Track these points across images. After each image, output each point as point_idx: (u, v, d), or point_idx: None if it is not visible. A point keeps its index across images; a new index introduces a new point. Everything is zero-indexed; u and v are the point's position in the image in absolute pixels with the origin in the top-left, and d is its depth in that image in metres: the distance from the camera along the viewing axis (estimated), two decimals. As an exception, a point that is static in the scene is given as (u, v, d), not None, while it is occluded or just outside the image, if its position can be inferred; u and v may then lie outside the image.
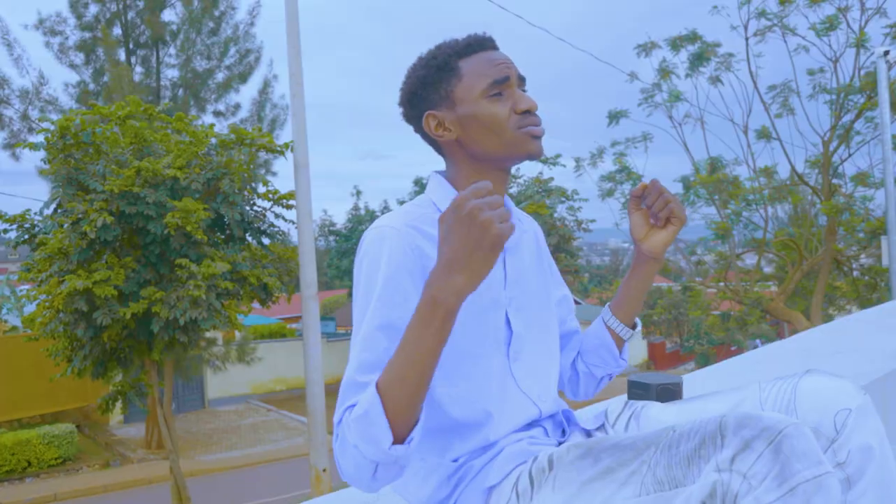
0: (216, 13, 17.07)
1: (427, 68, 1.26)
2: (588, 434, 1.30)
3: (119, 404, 7.79)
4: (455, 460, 1.18)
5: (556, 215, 19.23)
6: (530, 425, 1.25)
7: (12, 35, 16.02)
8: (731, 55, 15.95)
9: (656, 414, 1.28)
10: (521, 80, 1.27)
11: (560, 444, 1.24)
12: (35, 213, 7.18)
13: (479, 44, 1.26)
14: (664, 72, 16.41)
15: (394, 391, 0.98)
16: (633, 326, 1.44)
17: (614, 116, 16.69)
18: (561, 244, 17.93)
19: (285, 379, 20.79)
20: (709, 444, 0.94)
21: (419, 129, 1.30)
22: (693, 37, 15.99)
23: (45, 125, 6.77)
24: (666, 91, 16.52)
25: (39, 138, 6.73)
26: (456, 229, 0.94)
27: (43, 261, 6.52)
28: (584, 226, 20.21)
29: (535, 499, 1.08)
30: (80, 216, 6.22)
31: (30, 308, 16.48)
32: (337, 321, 27.71)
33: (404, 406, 0.99)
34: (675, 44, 16.14)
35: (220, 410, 19.19)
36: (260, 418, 18.38)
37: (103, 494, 12.48)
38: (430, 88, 1.25)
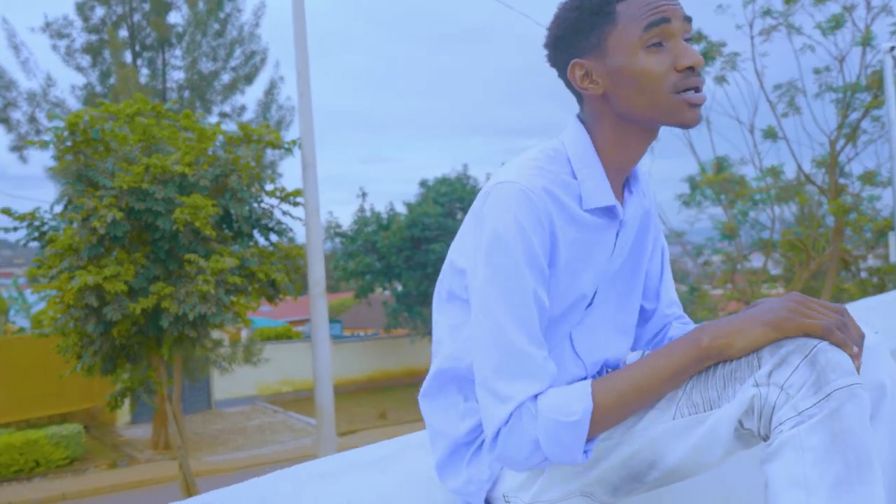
0: (221, 15, 17.15)
1: (579, 10, 1.11)
2: None
3: (127, 403, 7.82)
4: None
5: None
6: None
7: (19, 38, 16.13)
8: (736, 54, 15.93)
9: None
10: (688, 21, 1.10)
11: None
12: (45, 212, 7.22)
13: None
14: (670, 71, 16.39)
15: (612, 408, 1.01)
16: None
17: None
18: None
19: (292, 380, 20.81)
20: (744, 367, 0.97)
21: (563, 75, 1.18)
22: (698, 36, 15.97)
23: (54, 123, 6.81)
24: (672, 91, 16.50)
25: (49, 136, 6.78)
26: (783, 306, 0.98)
27: (53, 257, 6.56)
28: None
29: None
30: (89, 212, 6.26)
31: (38, 308, 16.56)
32: (344, 324, 27.72)
33: (610, 425, 1.03)
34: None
35: (226, 412, 19.21)
36: (266, 419, 18.39)
37: (111, 494, 12.49)
38: (580, 34, 1.11)
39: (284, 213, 7.73)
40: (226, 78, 17.56)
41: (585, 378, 1.20)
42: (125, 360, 7.06)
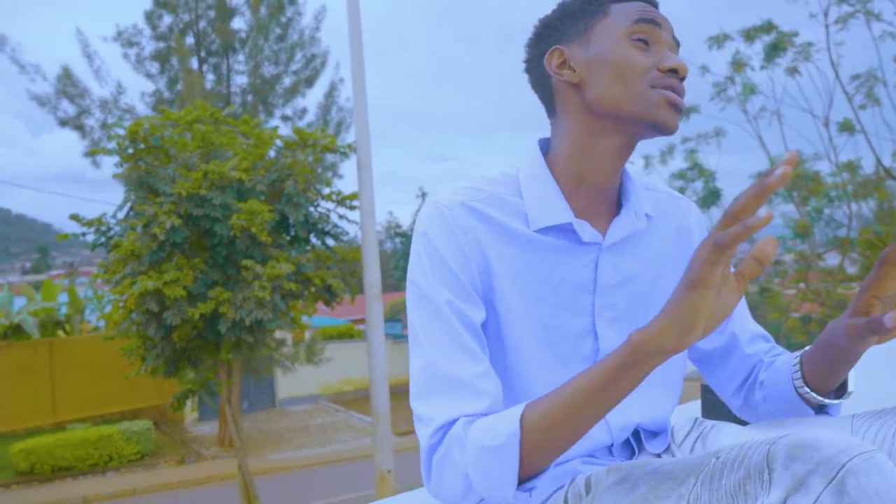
0: (283, 19, 17.44)
1: (571, 1, 1.06)
2: (658, 457, 1.10)
3: (190, 403, 7.99)
4: None
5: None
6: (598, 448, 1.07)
7: (92, 47, 16.77)
8: (810, 44, 15.23)
9: (725, 439, 1.06)
10: (676, 42, 1.05)
11: None
12: (110, 217, 7.42)
13: None
14: (738, 64, 15.80)
15: (543, 427, 0.86)
16: (838, 394, 1.08)
17: (685, 112, 16.19)
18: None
19: (353, 380, 21.03)
20: (755, 479, 0.73)
21: (537, 73, 1.08)
22: (768, 27, 15.35)
23: (117, 131, 6.99)
24: (739, 84, 15.91)
25: (113, 144, 6.97)
26: (693, 259, 0.78)
27: (117, 262, 6.74)
28: (653, 225, 19.71)
29: None
30: (150, 219, 6.40)
31: (107, 309, 17.22)
32: (403, 323, 27.91)
33: (549, 453, 0.87)
34: (750, 34, 15.52)
35: (289, 410, 19.55)
36: (329, 418, 18.63)
37: (179, 490, 12.85)
38: (567, 20, 1.05)
39: (341, 216, 7.75)
40: (287, 81, 17.87)
41: (612, 445, 1.06)
42: (186, 363, 7.20)
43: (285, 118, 17.78)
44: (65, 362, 16.10)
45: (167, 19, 17.05)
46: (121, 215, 7.06)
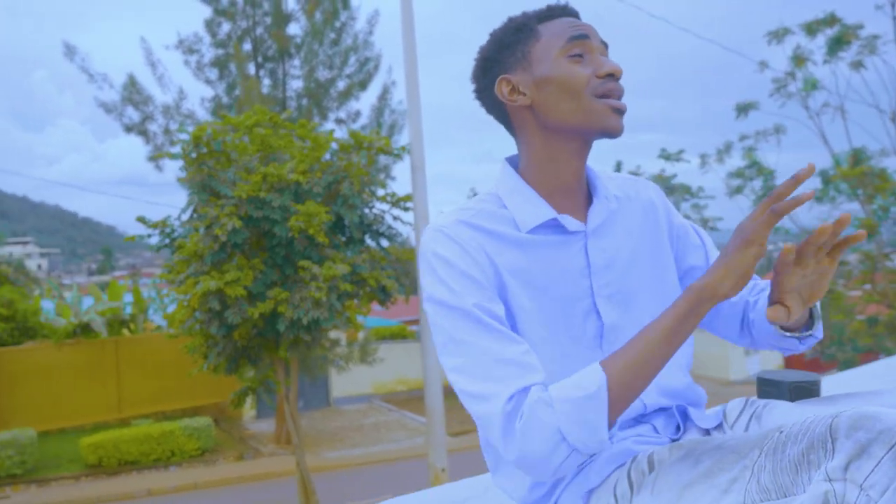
0: (337, 24, 17.71)
1: (504, 31, 1.19)
2: (706, 433, 1.18)
3: (249, 400, 8.20)
4: None
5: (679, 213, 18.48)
6: (636, 420, 1.16)
7: (155, 55, 17.33)
8: (875, 37, 14.70)
9: (780, 414, 1.12)
10: (604, 45, 1.16)
11: (673, 442, 1.13)
12: (175, 220, 7.68)
13: (561, 10, 1.18)
14: (799, 59, 15.35)
15: (625, 373, 0.98)
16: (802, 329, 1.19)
17: (743, 109, 15.79)
18: (686, 244, 17.20)
19: (407, 380, 21.19)
20: (818, 448, 0.81)
21: (490, 101, 1.21)
22: (831, 19, 14.86)
23: (181, 136, 7.23)
24: (801, 79, 15.45)
25: (178, 149, 7.22)
26: (746, 219, 0.99)
27: (181, 263, 6.97)
28: (710, 224, 19.32)
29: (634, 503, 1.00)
30: (212, 221, 6.60)
31: (171, 308, 17.79)
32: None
33: (630, 396, 0.98)
34: (811, 28, 15.06)
35: (344, 409, 19.82)
36: (382, 418, 18.81)
37: (238, 485, 13.17)
38: (506, 51, 1.18)
39: (395, 218, 7.86)
40: (341, 85, 18.13)
41: (644, 414, 1.16)
42: (246, 360, 7.40)
43: (339, 121, 18.05)
44: (129, 360, 16.69)
45: (226, 27, 17.50)
46: (184, 217, 7.30)
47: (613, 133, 1.12)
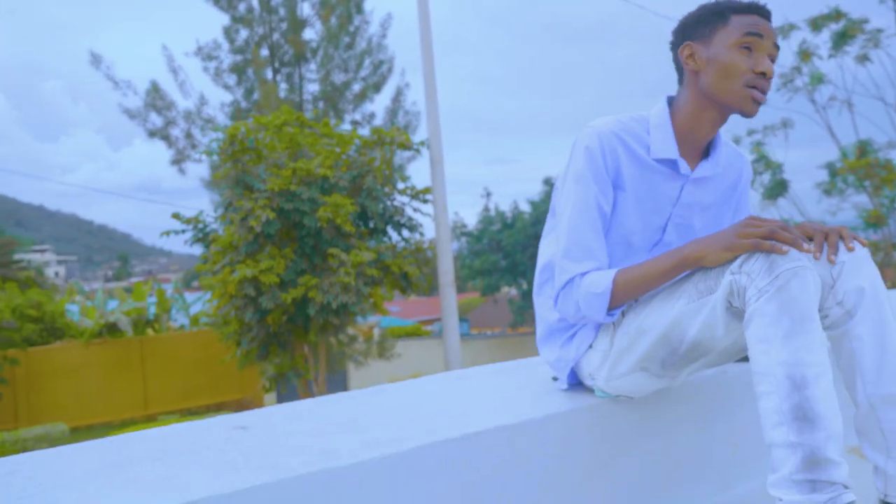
0: (351, 28, 18.16)
1: (704, 9, 1.53)
2: None
3: (274, 394, 8.58)
4: None
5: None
6: None
7: (177, 62, 17.84)
8: (879, 31, 14.92)
9: None
10: (776, 47, 1.50)
11: None
12: (207, 215, 8.11)
13: (757, 9, 1.49)
14: (804, 54, 15.60)
15: (626, 288, 1.41)
16: None
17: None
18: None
19: (423, 375, 21.51)
20: (730, 261, 1.30)
21: (675, 55, 1.59)
22: (836, 14, 15.11)
23: (215, 135, 7.68)
24: (807, 74, 15.70)
25: (212, 147, 7.67)
26: (734, 232, 1.31)
27: (217, 254, 7.40)
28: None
29: (623, 322, 1.48)
30: (246, 213, 7.03)
31: (195, 309, 18.23)
32: (471, 323, 28.28)
33: (626, 299, 1.44)
34: (816, 23, 15.31)
35: (362, 404, 20.17)
36: (400, 412, 19.13)
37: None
38: (699, 24, 1.52)
39: (415, 209, 8.25)
40: (356, 87, 18.57)
41: None
42: (277, 346, 7.81)
43: (355, 123, 18.49)
44: (154, 358, 17.14)
45: (243, 33, 17.99)
46: (219, 212, 7.74)
47: (747, 115, 1.48)
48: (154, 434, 1.37)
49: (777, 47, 1.50)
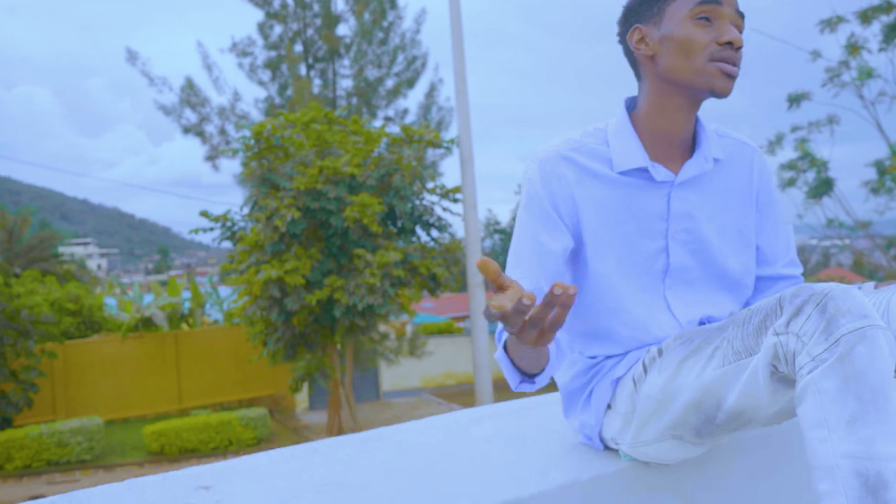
0: (385, 24, 18.03)
1: None
2: None
3: (305, 391, 8.49)
4: (592, 357, 1.35)
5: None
6: None
7: (211, 59, 17.92)
8: (934, 23, 14.28)
9: None
10: (739, 14, 1.27)
11: None
12: (235, 213, 8.03)
13: None
14: (853, 47, 14.98)
15: (515, 356, 1.13)
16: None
17: (795, 99, 15.46)
18: (736, 237, 16.96)
19: (455, 373, 21.41)
20: (771, 315, 1.04)
21: (624, 46, 1.35)
22: (887, 6, 14.49)
23: (242, 133, 7.59)
24: (855, 68, 15.11)
25: (238, 145, 7.57)
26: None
27: (243, 253, 7.30)
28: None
29: (646, 382, 1.22)
30: (272, 212, 6.91)
31: (229, 304, 18.38)
32: (502, 320, 27.95)
33: (525, 366, 1.15)
34: (866, 15, 14.69)
35: (393, 402, 20.12)
36: (431, 411, 19.04)
37: (292, 473, 13.53)
38: (645, 4, 1.29)
39: (444, 209, 8.05)
40: (389, 83, 18.45)
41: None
42: (303, 347, 7.70)
43: (388, 119, 18.38)
44: (188, 353, 17.27)
45: (277, 29, 17.99)
46: (246, 210, 7.65)
47: (720, 93, 1.22)
48: (111, 490, 1.21)
49: (741, 15, 1.26)
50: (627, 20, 1.34)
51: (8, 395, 13.93)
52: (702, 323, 1.35)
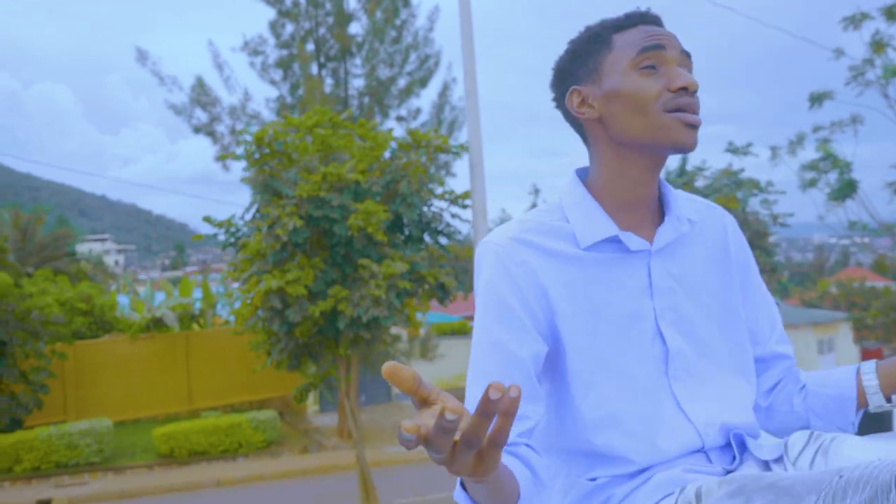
0: (397, 22, 17.82)
1: (578, 42, 1.16)
2: (765, 465, 1.10)
3: (312, 395, 8.36)
4: (593, 479, 1.07)
5: (748, 209, 17.91)
6: (690, 452, 1.09)
7: (222, 58, 17.81)
8: (962, 20, 13.87)
9: (849, 452, 1.02)
10: (685, 55, 1.09)
11: (727, 472, 1.06)
12: (238, 219, 7.86)
13: (640, 17, 1.11)
14: (878, 45, 14.61)
15: (473, 492, 0.91)
16: (890, 399, 1.14)
17: (817, 99, 15.13)
18: (754, 240, 16.66)
19: (464, 378, 21.22)
20: (881, 499, 0.74)
21: (564, 111, 1.18)
22: (907, 7, 14.10)
23: (244, 137, 7.41)
24: (880, 67, 14.71)
25: (241, 150, 7.39)
26: None
27: (245, 261, 7.14)
28: (780, 220, 18.61)
29: None
30: (274, 220, 6.73)
31: (237, 305, 18.31)
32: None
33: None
34: (892, 12, 14.32)
35: (405, 404, 19.98)
36: (442, 413, 18.86)
37: (302, 477, 13.44)
38: (578, 62, 1.14)
39: (454, 215, 7.85)
40: (402, 82, 18.25)
41: (702, 449, 1.07)
42: (308, 357, 7.53)
43: (400, 119, 18.18)
44: (199, 354, 17.23)
45: (289, 28, 17.83)
46: (247, 217, 7.48)
47: (685, 149, 1.07)
48: None
49: (687, 54, 1.10)
50: (562, 82, 1.17)
51: (18, 396, 13.92)
52: (727, 432, 1.09)
